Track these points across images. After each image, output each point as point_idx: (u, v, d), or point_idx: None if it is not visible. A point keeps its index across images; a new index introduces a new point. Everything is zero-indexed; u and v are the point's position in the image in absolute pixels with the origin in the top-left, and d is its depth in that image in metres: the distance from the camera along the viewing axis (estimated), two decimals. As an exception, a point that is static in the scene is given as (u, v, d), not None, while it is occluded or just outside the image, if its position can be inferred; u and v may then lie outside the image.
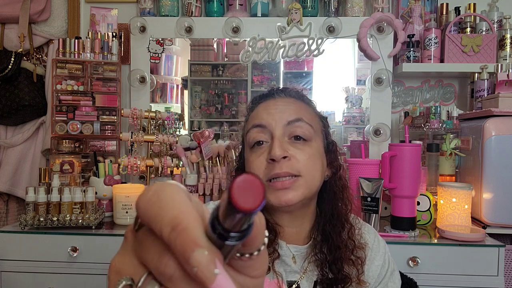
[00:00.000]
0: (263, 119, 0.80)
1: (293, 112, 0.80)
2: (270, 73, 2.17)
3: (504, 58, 1.78)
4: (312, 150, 0.80)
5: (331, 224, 0.83)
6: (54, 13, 1.98)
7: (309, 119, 0.81)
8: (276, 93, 0.84)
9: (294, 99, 0.84)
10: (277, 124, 0.79)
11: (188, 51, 2.13)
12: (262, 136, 0.79)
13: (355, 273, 0.81)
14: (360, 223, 0.89)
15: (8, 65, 1.82)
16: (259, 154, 0.79)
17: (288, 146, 0.78)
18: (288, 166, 0.76)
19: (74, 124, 1.74)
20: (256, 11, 1.91)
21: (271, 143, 0.78)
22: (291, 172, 0.76)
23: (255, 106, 0.85)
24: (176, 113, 1.89)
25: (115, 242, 1.38)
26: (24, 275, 1.40)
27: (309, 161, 0.78)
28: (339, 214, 0.83)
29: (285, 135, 0.79)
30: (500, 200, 1.45)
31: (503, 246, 1.30)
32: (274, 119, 0.79)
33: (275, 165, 0.76)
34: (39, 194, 1.41)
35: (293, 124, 0.79)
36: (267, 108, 0.82)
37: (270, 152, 0.76)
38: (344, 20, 1.85)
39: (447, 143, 1.61)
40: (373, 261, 0.86)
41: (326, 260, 0.81)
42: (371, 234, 0.90)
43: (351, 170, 1.45)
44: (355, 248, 0.82)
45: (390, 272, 0.88)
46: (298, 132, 0.79)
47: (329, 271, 0.81)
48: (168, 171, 1.75)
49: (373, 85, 1.87)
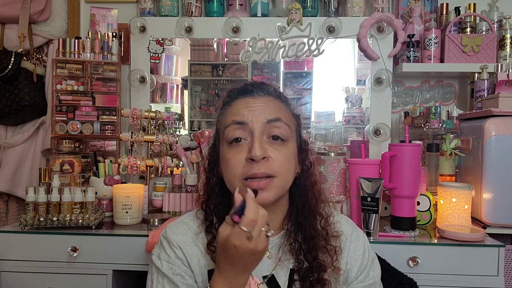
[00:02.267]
0: (243, 116, 0.80)
1: (272, 111, 0.81)
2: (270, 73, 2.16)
3: (504, 58, 1.78)
4: (288, 151, 0.81)
5: (302, 215, 0.85)
6: (54, 13, 1.98)
7: (287, 119, 0.83)
8: (255, 91, 0.84)
9: (272, 98, 0.85)
10: (257, 122, 0.79)
11: (188, 51, 2.13)
12: (242, 133, 0.80)
13: (329, 260, 0.83)
14: (336, 214, 0.93)
15: (8, 65, 1.82)
16: (237, 151, 0.79)
17: (267, 146, 0.79)
18: (266, 167, 0.77)
19: (74, 124, 1.74)
20: (256, 11, 1.91)
21: (251, 141, 0.78)
22: (267, 173, 0.78)
23: (233, 101, 0.85)
24: (176, 113, 1.89)
25: (115, 242, 1.38)
26: (24, 275, 1.40)
27: (285, 162, 0.80)
28: (310, 207, 0.86)
29: (264, 134, 0.80)
30: (500, 200, 1.45)
31: (503, 246, 1.30)
32: (254, 116, 0.80)
33: (253, 165, 0.77)
34: (39, 194, 1.41)
35: (272, 123, 0.80)
36: (247, 105, 0.82)
37: (250, 152, 0.77)
38: (344, 20, 1.85)
39: (447, 143, 1.61)
40: (355, 251, 0.89)
41: (301, 249, 0.84)
42: (349, 225, 0.93)
43: (351, 170, 1.45)
44: (328, 237, 0.85)
45: (371, 260, 0.91)
46: (276, 132, 0.80)
47: (305, 259, 0.83)
48: (168, 171, 1.75)
49: (373, 85, 1.87)
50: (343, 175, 1.50)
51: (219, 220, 0.86)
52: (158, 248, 0.87)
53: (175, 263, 0.83)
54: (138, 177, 1.87)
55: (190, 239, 0.86)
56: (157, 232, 1.31)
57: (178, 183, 1.69)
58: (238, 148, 0.80)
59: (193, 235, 0.86)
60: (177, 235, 0.86)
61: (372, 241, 1.32)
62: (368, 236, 1.32)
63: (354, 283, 0.88)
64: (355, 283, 0.88)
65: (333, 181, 1.48)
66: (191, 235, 0.86)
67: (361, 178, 1.36)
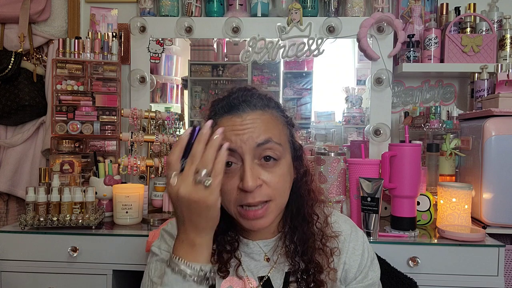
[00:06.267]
0: (231, 142, 0.75)
1: (261, 132, 0.76)
2: (270, 73, 2.16)
3: (504, 58, 1.78)
4: (282, 170, 0.78)
5: (297, 220, 0.84)
6: (54, 13, 1.98)
7: (277, 136, 0.78)
8: (241, 107, 0.78)
9: (260, 111, 0.79)
10: (247, 148, 0.75)
11: (188, 51, 2.13)
12: (231, 158, 0.76)
13: (325, 262, 0.82)
14: (334, 213, 0.91)
15: (8, 65, 1.82)
16: (229, 176, 0.76)
17: (260, 171, 0.76)
18: (260, 194, 0.75)
19: (74, 124, 1.74)
20: (256, 11, 1.91)
21: (242, 168, 0.75)
22: (263, 200, 0.75)
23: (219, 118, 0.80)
24: (176, 113, 1.89)
25: (115, 242, 1.38)
26: (24, 275, 1.40)
27: (280, 182, 0.77)
28: (306, 211, 0.84)
29: (255, 157, 0.76)
30: (500, 200, 1.45)
31: (503, 246, 1.30)
32: (243, 141, 0.75)
33: (247, 195, 0.74)
34: (39, 194, 1.41)
35: (262, 146, 0.76)
36: (234, 128, 0.77)
37: (243, 182, 0.73)
38: (344, 20, 1.85)
39: (447, 143, 1.61)
40: (353, 251, 0.88)
41: (296, 251, 0.82)
42: (348, 224, 0.91)
43: (351, 170, 1.45)
44: (325, 238, 0.84)
45: (370, 261, 0.89)
46: (268, 153, 0.76)
47: (300, 261, 0.82)
48: (168, 171, 1.75)
49: (373, 85, 1.87)
50: (343, 175, 1.50)
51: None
52: (159, 240, 0.87)
53: None
54: (138, 177, 1.87)
55: None
56: (157, 232, 1.31)
57: (178, 183, 1.69)
58: (229, 173, 0.76)
59: None
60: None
61: (372, 241, 1.32)
62: (368, 236, 1.32)
63: (352, 284, 0.87)
64: (353, 284, 0.87)
65: (333, 181, 1.48)
66: None
67: (361, 178, 1.36)
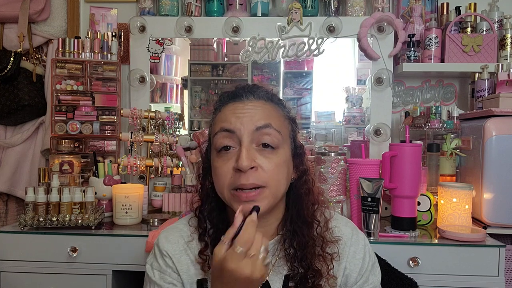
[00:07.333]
0: (231, 123, 0.77)
1: (262, 116, 0.78)
2: (270, 73, 2.16)
3: (505, 58, 1.78)
4: (279, 159, 0.78)
5: (297, 223, 0.83)
6: (53, 12, 1.97)
7: (277, 124, 0.79)
8: (245, 95, 0.81)
9: (263, 102, 0.81)
10: (245, 130, 0.76)
11: (188, 51, 2.13)
12: (230, 141, 0.77)
13: (325, 268, 0.82)
14: (335, 217, 0.90)
15: (7, 65, 1.82)
16: (225, 160, 0.77)
17: (256, 154, 0.76)
18: (255, 177, 0.75)
19: (74, 124, 1.73)
20: (256, 11, 1.91)
21: (239, 150, 0.76)
22: (256, 183, 0.75)
23: (223, 106, 0.82)
24: (176, 113, 1.89)
25: (114, 242, 1.38)
26: (23, 275, 1.39)
27: (275, 171, 0.77)
28: (305, 214, 0.84)
29: (253, 142, 0.77)
30: (501, 200, 1.44)
31: (504, 247, 1.30)
32: (243, 124, 0.77)
33: (241, 175, 0.75)
34: (38, 194, 1.41)
35: (261, 130, 0.77)
36: (235, 111, 0.79)
37: (238, 161, 0.74)
38: (344, 20, 1.85)
39: (448, 143, 1.61)
40: (354, 255, 0.87)
41: (296, 256, 0.82)
42: (348, 228, 0.90)
43: (351, 170, 1.45)
44: (325, 244, 0.83)
45: (371, 264, 0.89)
46: (266, 139, 0.77)
47: (299, 266, 0.81)
48: (168, 171, 1.75)
49: (373, 85, 1.87)
50: (344, 175, 1.50)
51: (213, 227, 0.85)
52: (151, 257, 0.88)
53: (166, 271, 0.84)
54: (138, 177, 1.87)
55: (181, 247, 0.85)
56: (156, 232, 1.31)
57: (177, 183, 1.69)
58: (226, 156, 0.77)
59: (184, 243, 0.86)
60: (168, 243, 0.86)
61: (372, 242, 1.31)
62: (368, 236, 1.32)
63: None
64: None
65: (333, 181, 1.48)
66: (183, 243, 0.86)
67: (361, 178, 1.36)
